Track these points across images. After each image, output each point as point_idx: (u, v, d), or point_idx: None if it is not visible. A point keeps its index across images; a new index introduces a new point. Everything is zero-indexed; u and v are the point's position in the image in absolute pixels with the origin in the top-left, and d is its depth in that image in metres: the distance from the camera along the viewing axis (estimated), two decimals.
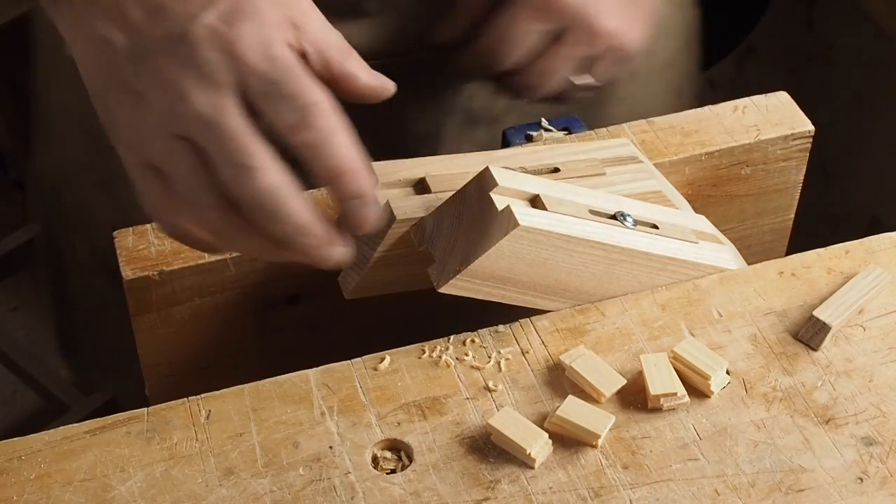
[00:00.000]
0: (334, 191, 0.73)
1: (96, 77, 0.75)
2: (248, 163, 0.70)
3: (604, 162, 0.87)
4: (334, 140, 0.71)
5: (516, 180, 0.81)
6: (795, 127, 0.92)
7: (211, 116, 0.71)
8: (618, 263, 0.82)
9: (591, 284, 0.83)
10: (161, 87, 0.72)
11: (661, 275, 0.84)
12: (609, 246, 0.81)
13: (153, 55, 0.72)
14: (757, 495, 0.75)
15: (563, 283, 0.82)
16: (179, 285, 0.82)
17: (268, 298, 0.85)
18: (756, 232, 0.96)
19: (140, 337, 0.84)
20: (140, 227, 0.84)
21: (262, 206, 0.71)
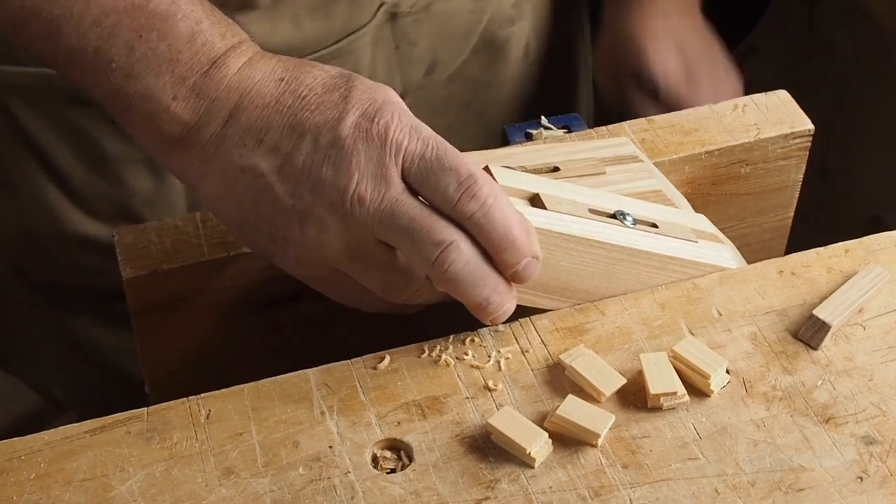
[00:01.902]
0: (506, 254, 0.75)
1: (244, 209, 0.76)
2: (446, 239, 0.73)
3: (604, 161, 0.87)
4: (499, 205, 0.74)
5: (516, 179, 0.81)
6: (795, 126, 0.92)
7: (392, 209, 0.73)
8: (618, 262, 0.82)
9: (590, 283, 0.83)
10: (328, 200, 0.73)
11: (661, 274, 0.84)
12: (609, 245, 0.81)
13: (307, 172, 0.73)
14: (757, 494, 0.74)
15: (563, 283, 0.82)
16: (180, 284, 0.82)
17: (268, 297, 0.85)
18: (755, 230, 0.96)
19: (140, 336, 0.84)
20: (140, 226, 0.84)
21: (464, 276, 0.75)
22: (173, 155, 0.77)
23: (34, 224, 1.05)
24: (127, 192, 1.02)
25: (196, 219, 0.84)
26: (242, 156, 0.74)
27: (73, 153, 1.01)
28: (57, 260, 1.06)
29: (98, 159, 1.01)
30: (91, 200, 1.03)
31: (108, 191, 1.02)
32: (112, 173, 1.01)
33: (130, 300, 0.83)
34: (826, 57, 1.82)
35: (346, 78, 0.75)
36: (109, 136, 0.99)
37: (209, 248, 0.83)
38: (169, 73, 0.75)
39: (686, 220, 0.86)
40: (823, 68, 1.82)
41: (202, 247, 0.83)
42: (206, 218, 0.84)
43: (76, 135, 1.00)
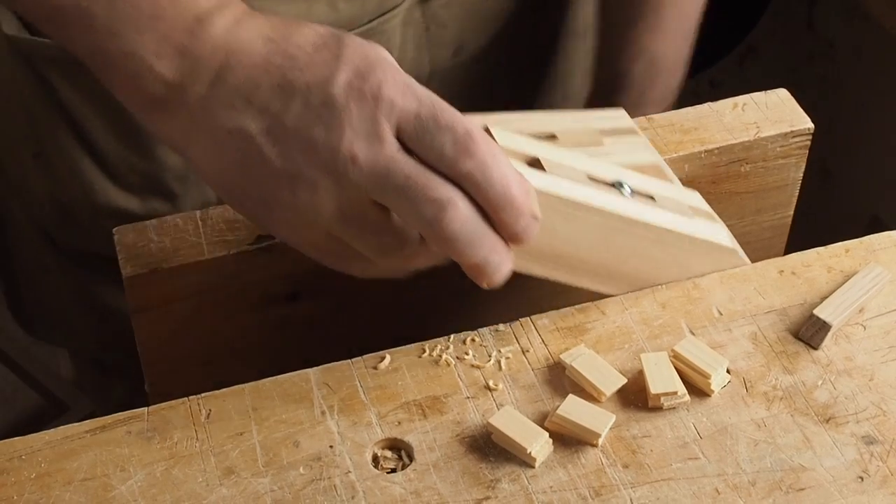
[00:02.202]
0: (504, 214, 0.73)
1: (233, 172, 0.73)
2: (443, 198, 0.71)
3: (602, 132, 0.86)
4: (498, 163, 0.72)
5: (516, 142, 0.79)
6: (795, 124, 0.92)
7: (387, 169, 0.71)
8: (615, 232, 0.80)
9: (586, 252, 0.81)
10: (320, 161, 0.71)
11: (657, 247, 0.82)
12: (608, 213, 0.79)
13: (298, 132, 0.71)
14: (757, 494, 0.74)
15: (559, 250, 0.80)
16: (179, 282, 0.82)
17: (268, 296, 0.85)
18: (755, 229, 0.96)
19: (140, 334, 0.84)
20: (140, 224, 0.84)
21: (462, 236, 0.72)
22: (159, 117, 0.75)
23: (67, 194, 1.06)
24: (158, 167, 1.03)
25: (196, 217, 0.84)
26: (230, 118, 0.72)
27: (107, 126, 1.02)
28: (88, 230, 1.07)
29: (131, 133, 1.01)
30: (123, 173, 1.04)
31: (139, 164, 1.03)
32: (144, 147, 1.01)
33: (130, 299, 0.83)
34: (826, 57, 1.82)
35: (336, 37, 0.73)
36: None
37: (209, 246, 0.83)
38: (152, 31, 0.72)
39: (681, 197, 0.85)
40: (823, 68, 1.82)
41: (202, 245, 0.83)
42: (207, 216, 0.84)
43: (110, 108, 1.00)
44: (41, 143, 1.06)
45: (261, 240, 0.83)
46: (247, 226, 0.84)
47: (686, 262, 0.85)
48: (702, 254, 0.84)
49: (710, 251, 0.85)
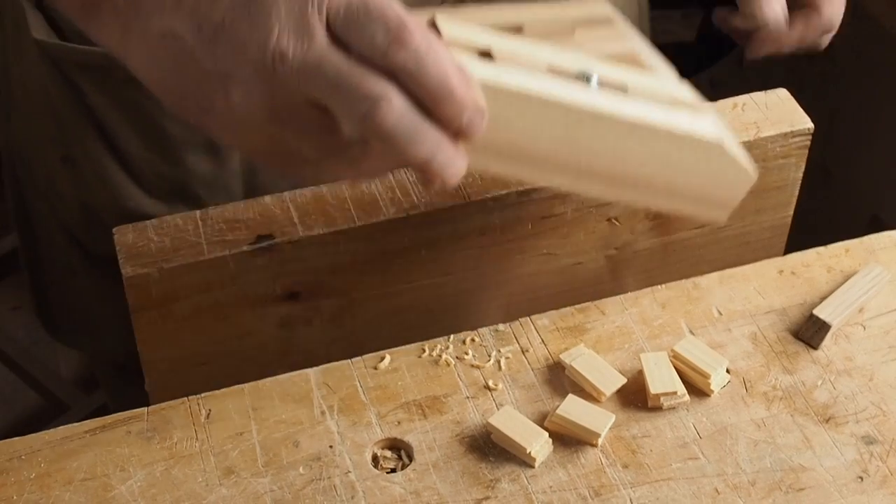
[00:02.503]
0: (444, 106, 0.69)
1: (169, 77, 0.72)
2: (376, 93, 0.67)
3: (574, 22, 0.80)
4: (434, 53, 0.68)
5: (465, 32, 0.75)
6: (795, 124, 0.92)
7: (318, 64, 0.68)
8: (578, 126, 0.74)
9: (549, 149, 0.75)
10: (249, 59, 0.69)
11: (628, 141, 0.76)
12: (566, 105, 0.73)
13: (226, 30, 0.69)
14: (757, 494, 0.74)
15: (517, 146, 0.75)
16: (179, 282, 0.82)
17: (267, 296, 0.85)
18: (755, 229, 0.96)
19: (140, 333, 0.84)
20: (140, 224, 0.84)
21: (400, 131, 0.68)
22: (93, 23, 0.73)
23: (94, 199, 1.06)
24: (185, 174, 1.03)
25: (196, 217, 0.84)
26: (161, 19, 0.70)
27: (135, 132, 1.02)
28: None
29: (158, 140, 1.01)
30: (150, 179, 1.04)
31: (167, 171, 1.03)
32: (171, 154, 1.01)
33: (130, 298, 0.83)
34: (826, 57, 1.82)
35: None
36: (170, 118, 0.99)
37: (209, 246, 0.83)
38: None
39: (663, 87, 0.79)
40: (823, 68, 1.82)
41: (202, 245, 0.83)
42: (207, 216, 0.84)
43: (138, 115, 1.00)
44: (69, 147, 1.06)
45: (261, 240, 0.83)
46: (247, 226, 0.84)
47: (666, 158, 0.77)
48: (681, 148, 0.77)
49: (690, 144, 0.77)
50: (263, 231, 0.83)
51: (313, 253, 0.84)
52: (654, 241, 0.93)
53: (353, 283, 0.86)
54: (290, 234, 0.83)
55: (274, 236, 0.83)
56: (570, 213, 0.88)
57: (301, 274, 0.85)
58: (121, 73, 0.98)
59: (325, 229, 0.83)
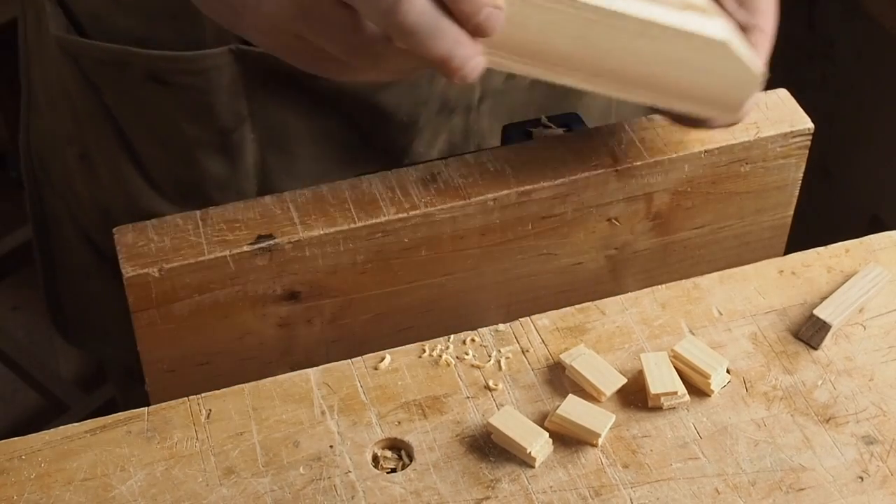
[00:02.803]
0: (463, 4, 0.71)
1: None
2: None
3: None
4: None
5: None
6: (795, 124, 0.92)
7: None
8: (591, 24, 0.78)
9: (563, 47, 0.78)
10: None
11: (640, 41, 0.79)
12: (582, 4, 0.76)
13: None
14: (757, 494, 0.74)
15: (533, 44, 0.78)
16: (179, 282, 0.82)
17: (267, 296, 0.85)
18: (755, 229, 0.96)
19: (140, 333, 0.84)
20: (140, 224, 0.84)
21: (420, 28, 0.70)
22: None
23: (109, 199, 1.06)
24: (199, 175, 1.03)
25: (196, 217, 0.84)
26: None
27: (150, 132, 1.03)
28: None
29: (172, 140, 1.02)
30: (164, 181, 1.04)
31: (180, 172, 1.03)
32: (185, 155, 1.02)
33: (130, 298, 0.83)
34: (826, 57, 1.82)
35: None
36: (185, 118, 1.00)
37: (209, 246, 0.83)
38: None
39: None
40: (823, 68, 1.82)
41: (202, 245, 0.83)
42: (207, 216, 0.84)
43: (153, 114, 1.01)
44: (86, 145, 1.06)
45: (261, 240, 0.83)
46: (247, 226, 0.84)
47: (676, 58, 0.81)
48: (690, 47, 0.81)
49: (698, 43, 0.81)
50: (263, 231, 0.83)
51: (313, 253, 0.84)
52: (654, 241, 0.93)
53: (353, 283, 0.86)
54: (290, 234, 0.83)
55: (274, 236, 0.83)
56: (570, 213, 0.88)
57: (301, 274, 0.85)
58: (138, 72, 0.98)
59: (325, 229, 0.83)
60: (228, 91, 0.98)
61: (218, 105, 0.98)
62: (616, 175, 0.88)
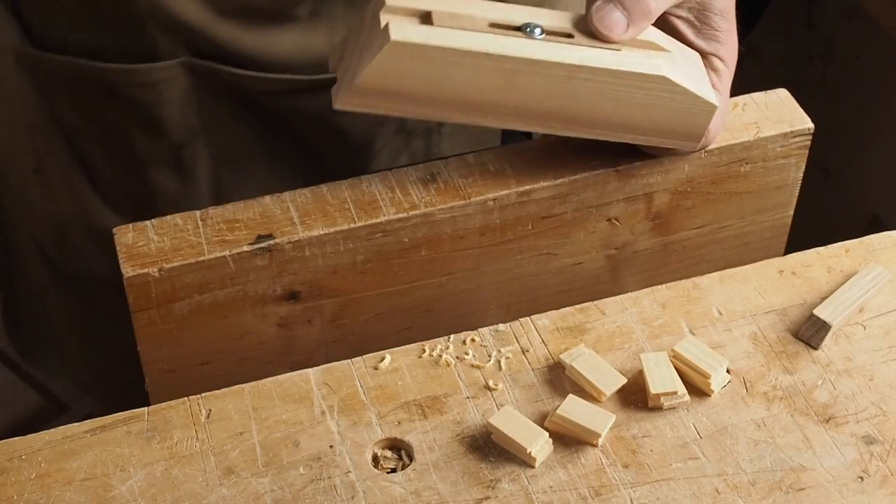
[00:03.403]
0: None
1: None
2: None
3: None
4: None
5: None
6: (795, 124, 0.92)
7: None
8: (515, 74, 0.80)
9: (496, 96, 0.81)
10: None
11: (572, 84, 0.81)
12: (498, 56, 0.79)
13: None
14: (757, 494, 0.74)
15: (464, 96, 0.80)
16: (179, 282, 0.82)
17: (267, 295, 0.85)
18: (755, 229, 0.96)
19: (140, 333, 0.84)
20: (140, 224, 0.84)
21: None
22: None
23: (63, 213, 1.06)
24: (152, 191, 1.03)
25: (196, 217, 0.84)
26: None
27: (102, 147, 1.02)
28: (83, 251, 1.06)
29: (124, 155, 1.01)
30: (117, 195, 1.04)
31: (133, 187, 1.03)
32: (138, 170, 1.01)
33: (130, 298, 0.83)
34: (826, 57, 1.82)
35: None
36: (136, 132, 0.99)
37: (209, 246, 0.83)
38: None
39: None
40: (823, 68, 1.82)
41: (202, 245, 0.83)
42: (206, 216, 0.84)
43: (105, 128, 1.00)
44: (41, 158, 1.05)
45: (261, 240, 0.83)
46: (247, 226, 0.84)
47: (616, 97, 0.82)
48: (628, 85, 0.82)
49: (635, 80, 0.82)
50: (263, 231, 0.83)
51: (313, 253, 0.84)
52: (654, 241, 0.93)
53: (353, 283, 0.86)
54: (290, 234, 0.83)
55: (274, 236, 0.83)
56: (570, 213, 0.88)
57: (301, 274, 0.85)
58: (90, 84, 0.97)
59: (325, 229, 0.83)
60: (180, 104, 0.97)
61: (169, 119, 0.98)
62: (616, 175, 0.88)
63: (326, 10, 0.95)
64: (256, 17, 0.92)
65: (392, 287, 0.87)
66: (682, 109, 0.84)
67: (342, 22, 0.95)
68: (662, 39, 0.84)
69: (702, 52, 0.87)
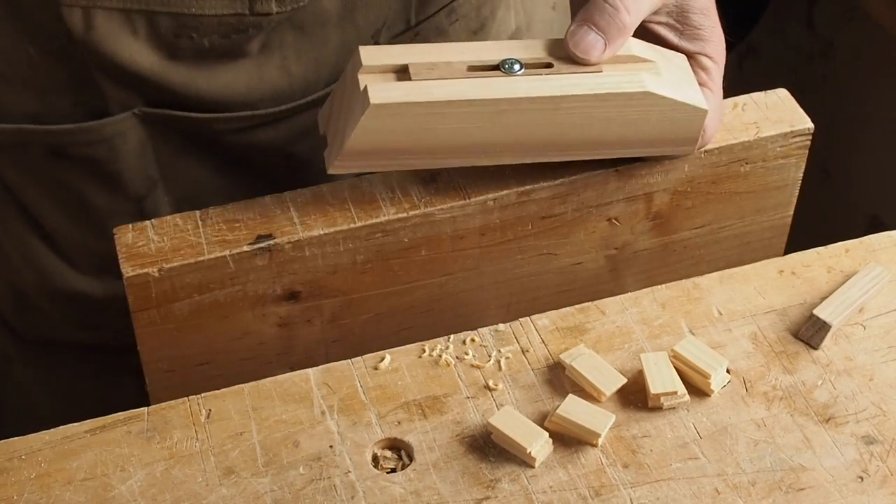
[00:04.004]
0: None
1: None
2: None
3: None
4: None
5: (385, 55, 0.80)
6: (795, 124, 0.92)
7: None
8: (501, 114, 0.80)
9: (484, 137, 0.81)
10: None
11: (559, 114, 0.81)
12: (479, 101, 0.79)
13: None
14: (757, 494, 0.74)
15: (454, 143, 0.81)
16: (179, 282, 0.82)
17: (267, 295, 0.85)
18: (755, 229, 0.96)
19: (140, 333, 0.84)
20: (140, 224, 0.84)
21: None
22: None
23: (22, 280, 1.03)
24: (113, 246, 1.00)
25: (196, 217, 0.84)
26: None
27: (57, 208, 0.99)
28: (46, 315, 1.04)
29: (82, 213, 0.98)
30: (77, 255, 1.01)
31: (94, 244, 0.99)
32: (97, 226, 0.98)
33: (130, 299, 0.83)
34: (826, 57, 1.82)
35: None
36: (93, 189, 0.97)
37: (209, 246, 0.83)
38: None
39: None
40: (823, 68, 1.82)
41: (202, 245, 0.83)
42: (206, 216, 0.84)
43: (59, 189, 0.97)
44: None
45: (261, 240, 0.83)
46: (246, 225, 0.84)
47: (604, 118, 0.82)
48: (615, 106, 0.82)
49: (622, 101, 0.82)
50: (263, 231, 0.83)
51: (313, 253, 0.84)
52: (654, 241, 0.93)
53: (353, 283, 0.86)
54: (289, 234, 0.83)
55: (274, 236, 0.83)
56: (570, 213, 0.88)
57: (301, 274, 0.85)
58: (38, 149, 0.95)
59: (325, 229, 0.83)
60: (136, 157, 0.95)
61: (127, 172, 0.95)
62: (616, 175, 0.88)
63: (277, 40, 0.93)
64: (208, 57, 0.90)
65: (392, 287, 0.87)
66: (672, 119, 0.84)
67: (294, 50, 0.94)
68: (644, 50, 0.84)
69: (688, 53, 0.87)
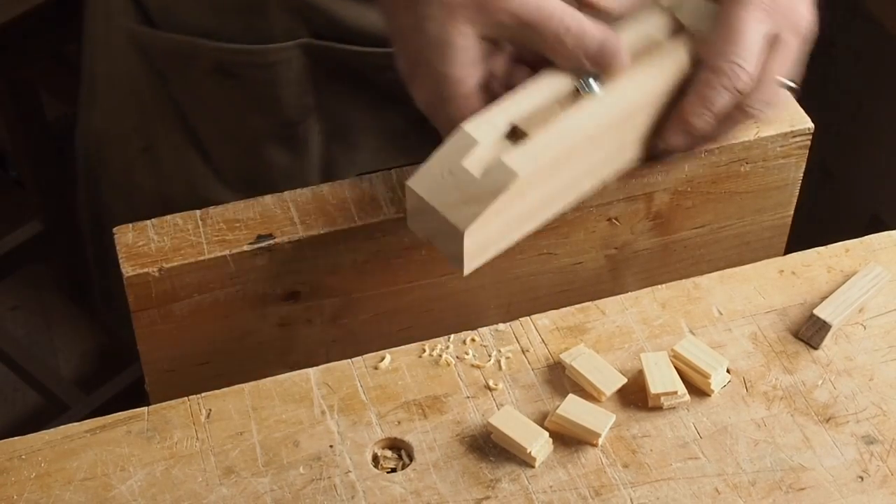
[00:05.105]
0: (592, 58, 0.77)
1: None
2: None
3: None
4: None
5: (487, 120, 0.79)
6: (795, 124, 0.92)
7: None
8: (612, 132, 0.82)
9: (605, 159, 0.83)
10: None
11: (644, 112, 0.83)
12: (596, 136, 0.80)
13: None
14: (757, 494, 0.74)
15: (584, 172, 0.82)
16: (179, 282, 0.82)
17: (267, 295, 0.85)
18: (755, 229, 0.96)
19: (140, 333, 0.84)
20: (140, 224, 0.84)
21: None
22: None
23: (173, 190, 1.07)
24: (264, 166, 1.04)
25: (196, 217, 0.84)
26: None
27: (216, 124, 1.03)
28: None
29: (238, 132, 1.03)
30: (228, 170, 1.05)
31: (246, 163, 1.04)
32: (251, 146, 1.02)
33: (130, 298, 0.83)
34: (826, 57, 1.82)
35: None
36: (252, 111, 1.01)
37: (209, 246, 0.83)
38: None
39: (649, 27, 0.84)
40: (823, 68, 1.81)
41: (202, 245, 0.83)
42: (206, 216, 0.84)
43: (220, 105, 1.01)
44: (151, 137, 1.06)
45: (261, 240, 0.83)
46: (246, 225, 0.84)
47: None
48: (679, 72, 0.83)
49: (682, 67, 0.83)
50: (263, 231, 0.83)
51: (313, 253, 0.84)
52: (654, 241, 0.93)
53: (353, 283, 0.86)
54: (290, 234, 0.83)
55: (274, 236, 0.83)
56: (570, 213, 0.88)
57: (301, 274, 0.85)
58: (206, 64, 0.99)
59: (325, 229, 0.83)
60: (296, 84, 0.98)
61: (285, 98, 0.99)
62: None
63: None
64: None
65: (392, 287, 0.87)
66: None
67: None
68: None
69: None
